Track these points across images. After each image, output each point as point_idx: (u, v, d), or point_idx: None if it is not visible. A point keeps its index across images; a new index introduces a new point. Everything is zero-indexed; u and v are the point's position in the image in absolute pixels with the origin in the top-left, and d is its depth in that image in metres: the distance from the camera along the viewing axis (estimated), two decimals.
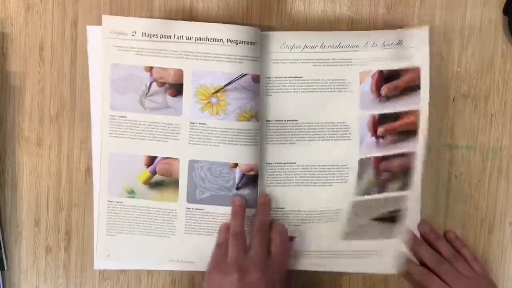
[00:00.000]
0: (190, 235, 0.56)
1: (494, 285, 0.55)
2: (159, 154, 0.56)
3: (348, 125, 0.57)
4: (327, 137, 0.57)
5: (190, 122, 0.55)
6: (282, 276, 0.50)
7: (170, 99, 0.55)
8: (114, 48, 0.55)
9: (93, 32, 0.56)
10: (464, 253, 0.56)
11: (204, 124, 0.55)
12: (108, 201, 0.57)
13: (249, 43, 0.54)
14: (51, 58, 0.57)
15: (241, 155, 0.55)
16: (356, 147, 0.57)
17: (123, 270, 0.59)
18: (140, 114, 0.55)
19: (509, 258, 0.58)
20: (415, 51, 0.56)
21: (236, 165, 0.55)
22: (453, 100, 0.57)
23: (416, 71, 0.56)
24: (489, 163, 0.58)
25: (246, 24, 0.55)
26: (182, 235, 0.56)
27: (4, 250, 0.58)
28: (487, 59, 0.57)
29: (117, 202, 0.56)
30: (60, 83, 0.57)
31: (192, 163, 0.55)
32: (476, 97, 0.57)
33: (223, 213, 0.56)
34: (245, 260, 0.49)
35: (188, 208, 0.56)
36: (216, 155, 0.55)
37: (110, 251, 0.57)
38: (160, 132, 0.56)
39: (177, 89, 0.55)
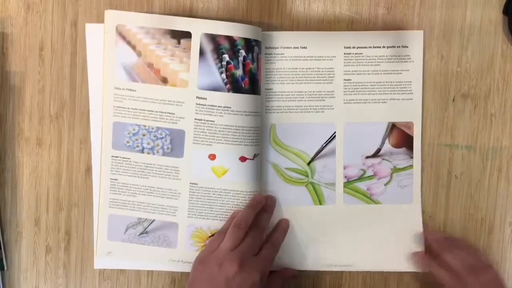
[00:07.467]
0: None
1: None
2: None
3: None
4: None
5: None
6: (262, 277, 0.50)
7: None
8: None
9: (92, 31, 0.56)
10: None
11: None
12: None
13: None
14: (51, 58, 0.57)
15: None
16: None
17: (123, 270, 0.59)
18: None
19: (509, 258, 0.58)
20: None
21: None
22: (453, 100, 0.57)
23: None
24: (489, 163, 0.58)
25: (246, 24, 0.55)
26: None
27: (4, 250, 0.58)
28: (487, 59, 0.57)
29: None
30: (60, 83, 0.57)
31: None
32: (476, 97, 0.57)
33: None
34: (231, 253, 0.49)
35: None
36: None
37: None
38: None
39: None
